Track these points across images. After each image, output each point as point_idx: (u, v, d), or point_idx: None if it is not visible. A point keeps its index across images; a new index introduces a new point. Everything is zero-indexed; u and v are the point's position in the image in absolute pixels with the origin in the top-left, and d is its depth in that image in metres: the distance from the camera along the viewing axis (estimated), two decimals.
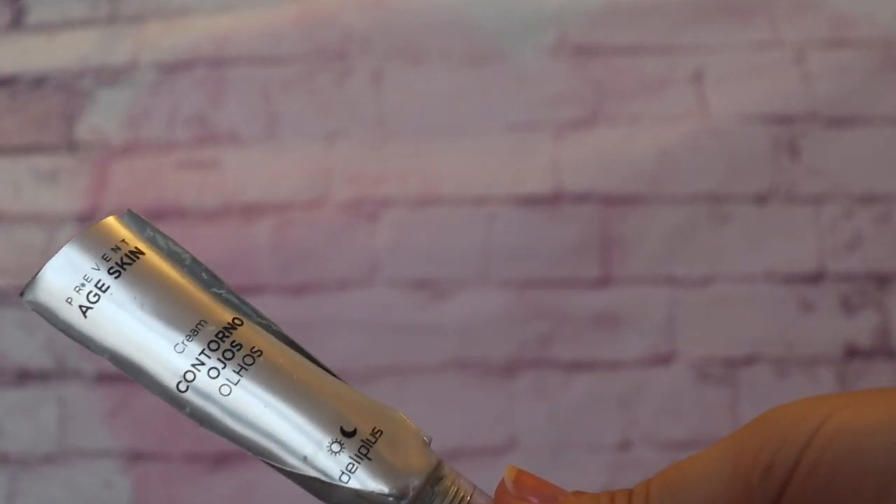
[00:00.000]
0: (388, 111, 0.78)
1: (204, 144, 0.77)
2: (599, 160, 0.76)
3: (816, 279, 0.75)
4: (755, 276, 0.75)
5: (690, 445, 0.72)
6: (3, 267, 0.76)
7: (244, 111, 0.78)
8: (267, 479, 0.73)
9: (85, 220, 0.76)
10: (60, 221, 0.77)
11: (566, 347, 0.74)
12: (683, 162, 0.76)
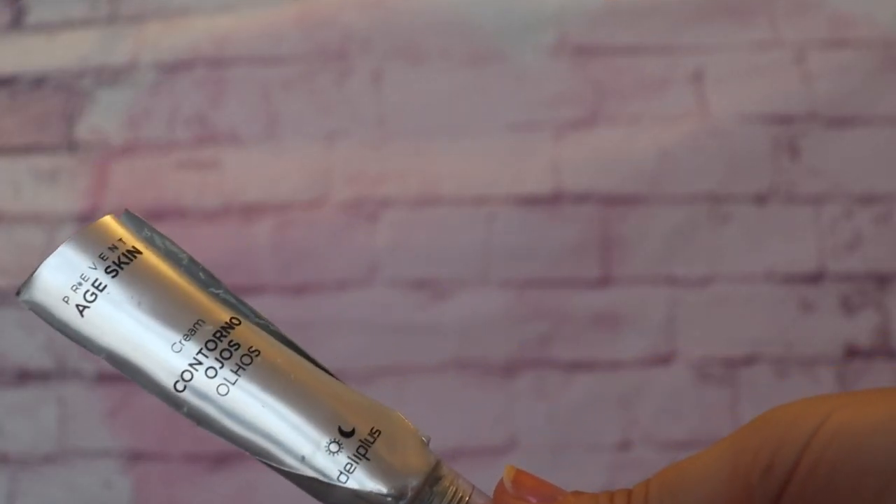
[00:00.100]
0: (388, 111, 0.78)
1: (204, 144, 0.77)
2: (599, 160, 0.76)
3: (816, 279, 0.75)
4: (755, 276, 0.75)
5: (690, 445, 0.72)
6: (3, 267, 0.76)
7: (244, 111, 0.78)
8: (267, 479, 0.73)
9: (85, 220, 0.76)
10: (60, 221, 0.77)
11: (566, 347, 0.74)
12: (683, 162, 0.76)
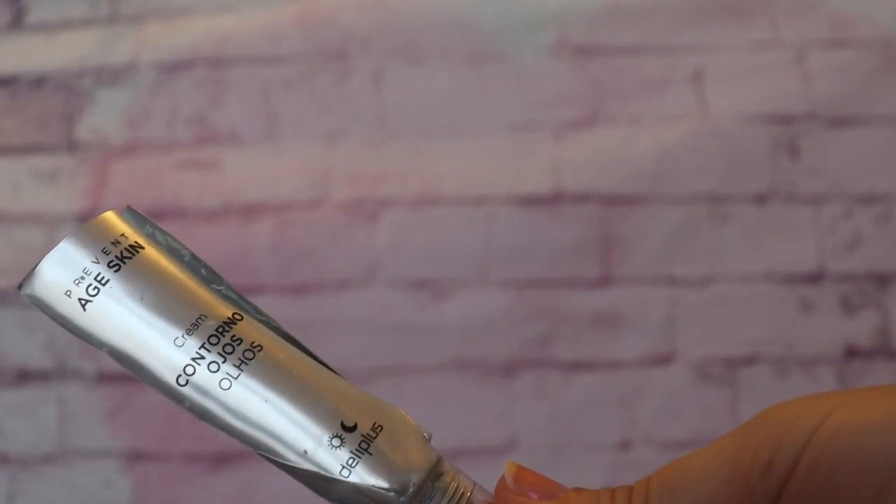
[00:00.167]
0: (388, 111, 0.78)
1: (204, 144, 0.77)
2: (599, 160, 0.76)
3: (816, 279, 0.75)
4: (755, 276, 0.75)
5: (690, 445, 0.72)
6: (3, 267, 0.76)
7: (244, 111, 0.78)
8: (267, 478, 0.73)
9: (85, 220, 0.76)
10: (60, 221, 0.77)
11: (566, 347, 0.74)
12: (683, 162, 0.76)
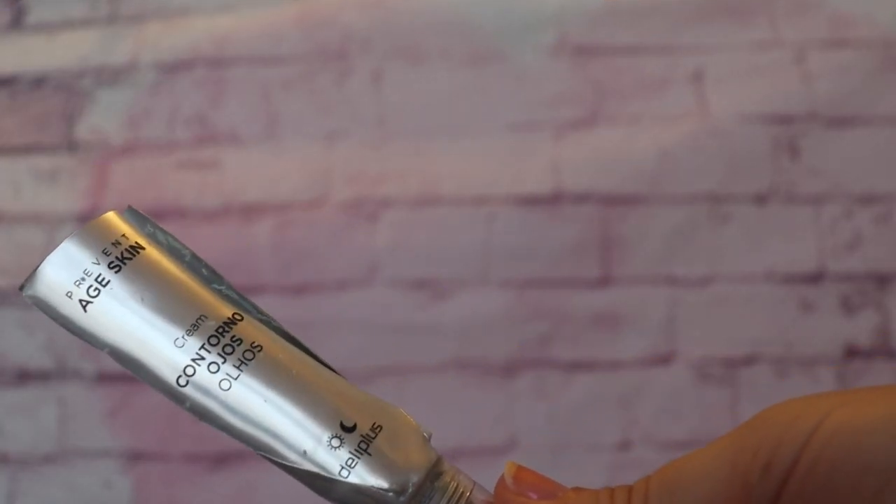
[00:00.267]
0: (388, 111, 0.78)
1: (204, 144, 0.77)
2: (599, 160, 0.76)
3: (816, 279, 0.75)
4: (755, 276, 0.75)
5: (690, 445, 0.72)
6: (3, 267, 0.76)
7: (244, 111, 0.78)
8: (267, 479, 0.73)
9: (85, 220, 0.76)
10: (60, 221, 0.77)
11: (566, 347, 0.74)
12: (683, 162, 0.76)
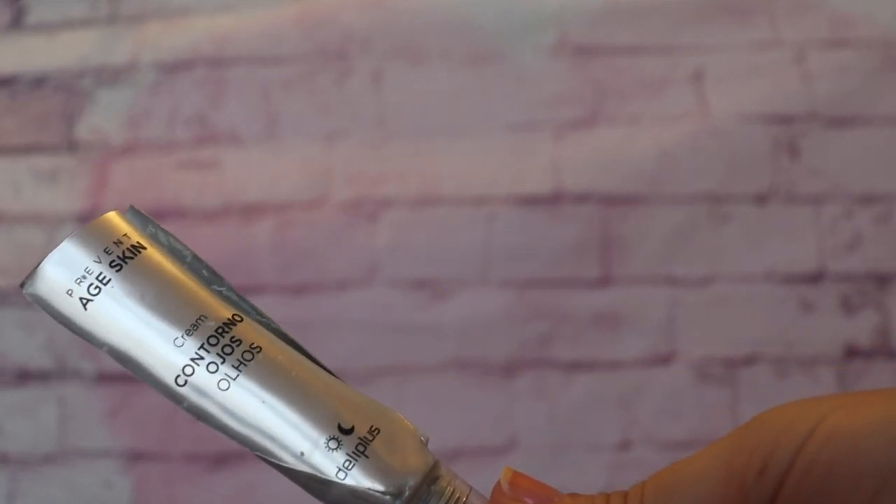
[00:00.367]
0: (388, 111, 0.78)
1: (204, 144, 0.78)
2: (599, 160, 0.76)
3: (816, 279, 0.75)
4: (755, 276, 0.75)
5: (690, 445, 0.72)
6: (3, 267, 0.76)
7: (244, 111, 0.78)
8: (267, 479, 0.73)
9: (85, 220, 0.76)
10: (60, 221, 0.77)
11: (566, 347, 0.74)
12: (683, 162, 0.76)
